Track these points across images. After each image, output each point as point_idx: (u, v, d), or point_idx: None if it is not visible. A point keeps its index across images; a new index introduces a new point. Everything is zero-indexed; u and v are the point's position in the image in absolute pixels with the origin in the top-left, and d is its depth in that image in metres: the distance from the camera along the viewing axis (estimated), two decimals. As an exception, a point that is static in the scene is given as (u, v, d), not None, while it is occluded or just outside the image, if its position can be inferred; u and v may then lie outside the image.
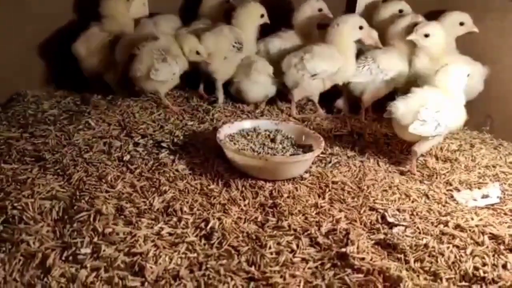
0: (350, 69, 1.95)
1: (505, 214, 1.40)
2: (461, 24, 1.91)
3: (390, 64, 1.94)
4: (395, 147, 1.82)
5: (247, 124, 1.72)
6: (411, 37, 1.88)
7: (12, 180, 1.32)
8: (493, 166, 1.70)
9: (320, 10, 2.10)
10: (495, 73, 1.90)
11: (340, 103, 2.13)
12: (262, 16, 2.10)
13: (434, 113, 1.53)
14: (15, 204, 1.19)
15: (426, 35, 1.86)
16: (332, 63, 1.91)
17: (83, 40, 1.99)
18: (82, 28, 2.03)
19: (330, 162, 1.65)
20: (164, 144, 1.64)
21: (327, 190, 1.46)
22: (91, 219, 1.16)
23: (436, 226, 1.31)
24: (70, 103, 1.97)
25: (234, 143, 1.57)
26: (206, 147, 1.64)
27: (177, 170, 1.48)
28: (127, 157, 1.53)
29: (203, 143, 1.68)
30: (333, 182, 1.51)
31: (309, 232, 1.22)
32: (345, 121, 2.01)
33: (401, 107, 1.55)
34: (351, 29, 1.92)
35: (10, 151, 1.50)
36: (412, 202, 1.45)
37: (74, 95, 2.04)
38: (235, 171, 1.49)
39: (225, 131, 1.62)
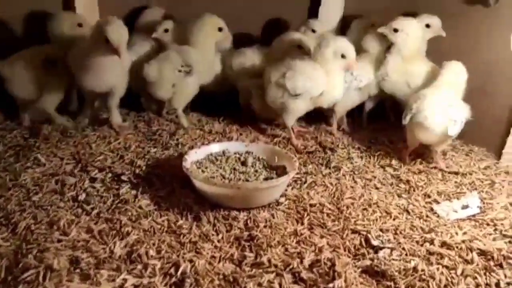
0: (337, 90, 1.80)
1: (488, 224, 1.36)
2: (427, 26, 1.89)
3: (364, 71, 1.89)
4: (368, 161, 1.77)
5: (215, 147, 1.60)
6: (381, 29, 1.84)
7: None
8: (469, 174, 1.68)
9: (299, 46, 1.95)
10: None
11: None
12: (220, 30, 1.97)
13: (459, 111, 1.61)
14: None
15: (396, 30, 1.82)
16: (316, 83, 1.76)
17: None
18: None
19: (305, 182, 1.56)
20: (124, 177, 1.49)
21: (306, 214, 1.37)
22: (40, 277, 0.99)
23: (422, 245, 1.25)
24: (17, 137, 1.77)
25: (202, 171, 1.45)
26: (172, 177, 1.50)
27: (140, 207, 1.33)
28: (82, 196, 1.37)
29: (169, 172, 1.54)
30: (311, 205, 1.42)
31: (291, 266, 1.12)
32: (316, 136, 1.94)
33: (432, 115, 1.58)
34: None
35: None
36: (394, 219, 1.38)
37: (21, 128, 1.85)
38: (205, 202, 1.37)
39: (191, 158, 1.50)
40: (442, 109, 1.60)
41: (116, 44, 1.59)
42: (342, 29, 2.24)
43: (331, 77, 1.76)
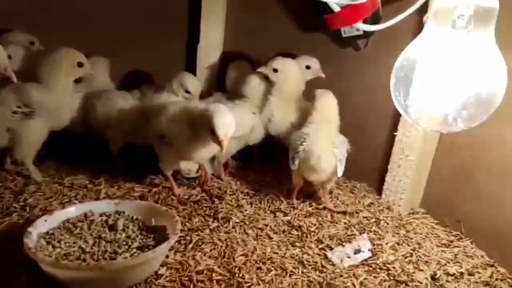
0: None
1: (380, 269, 1.33)
2: (308, 67, 1.89)
3: (239, 120, 1.77)
4: (259, 207, 1.64)
5: (73, 210, 1.28)
6: (261, 69, 1.80)
7: None
8: (356, 212, 1.67)
9: None
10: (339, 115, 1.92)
11: None
12: (80, 65, 1.66)
13: (342, 147, 1.62)
14: None
15: (275, 70, 1.78)
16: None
17: None
18: None
19: (190, 241, 1.35)
20: None
21: (192, 286, 1.15)
22: None
23: (322, 306, 1.13)
24: None
25: (54, 246, 1.12)
26: (12, 258, 1.13)
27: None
28: None
29: (6, 251, 1.16)
30: (197, 272, 1.21)
31: None
32: (200, 183, 1.75)
33: (322, 155, 1.55)
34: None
35: None
36: (290, 276, 1.25)
37: None
38: (57, 290, 1.04)
39: (39, 229, 1.16)
40: (328, 147, 1.58)
41: None
42: (222, 66, 2.16)
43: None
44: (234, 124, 1.41)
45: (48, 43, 1.83)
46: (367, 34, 1.68)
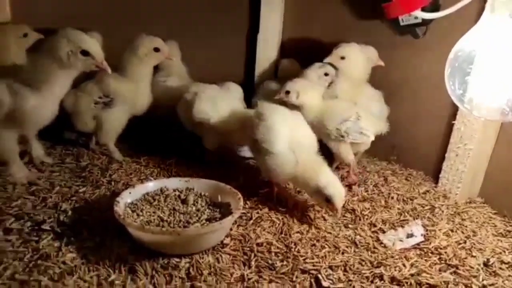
0: None
1: (432, 253, 1.37)
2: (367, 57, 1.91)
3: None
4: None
5: (151, 186, 1.47)
6: (328, 59, 1.84)
7: None
8: (410, 199, 1.70)
9: None
10: (395, 104, 1.95)
11: None
12: (157, 50, 1.79)
13: None
14: None
15: (342, 57, 1.83)
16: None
17: None
18: None
19: (251, 218, 1.48)
20: (46, 226, 1.30)
21: (253, 255, 1.28)
22: None
23: (372, 282, 1.22)
24: None
25: (138, 214, 1.31)
26: (103, 223, 1.34)
27: (64, 262, 1.16)
28: (-8, 254, 1.16)
29: (99, 216, 1.38)
30: (258, 244, 1.34)
31: (239, 321, 1.02)
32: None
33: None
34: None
35: None
36: (343, 254, 1.34)
37: None
38: (142, 251, 1.23)
39: (125, 200, 1.36)
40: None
41: None
42: (282, 55, 2.25)
43: None
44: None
45: (117, 35, 1.94)
46: (426, 22, 1.69)
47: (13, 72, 1.42)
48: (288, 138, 1.50)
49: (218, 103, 1.75)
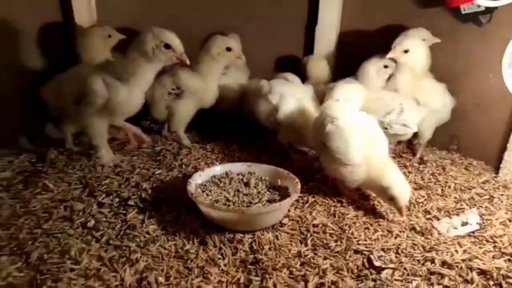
0: None
1: (487, 241, 1.39)
2: (423, 40, 1.90)
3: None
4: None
5: (218, 169, 1.64)
6: (390, 54, 1.84)
7: (-41, 268, 1.17)
8: (468, 189, 1.71)
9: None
10: (455, 93, 1.93)
11: None
12: (229, 49, 1.93)
13: None
14: (-36, 302, 1.05)
15: (406, 51, 1.82)
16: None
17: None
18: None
19: (307, 202, 1.60)
20: (131, 202, 1.53)
21: (309, 235, 1.40)
22: (55, 309, 1.03)
23: (423, 264, 1.28)
24: (25, 162, 1.81)
25: (207, 194, 1.49)
26: (178, 201, 1.54)
27: (148, 233, 1.37)
28: (91, 223, 1.40)
29: (174, 195, 1.58)
30: (313, 225, 1.46)
31: (296, 290, 1.15)
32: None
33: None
34: None
35: (-44, 230, 1.34)
36: (395, 238, 1.41)
37: (27, 152, 1.89)
38: (210, 226, 1.41)
39: (196, 181, 1.54)
40: None
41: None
42: (339, 47, 2.30)
43: None
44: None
45: (185, 30, 2.08)
46: (490, 10, 1.65)
47: (106, 68, 1.64)
48: (363, 146, 1.49)
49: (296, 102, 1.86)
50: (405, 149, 2.12)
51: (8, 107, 1.92)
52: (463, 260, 1.27)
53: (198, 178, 1.56)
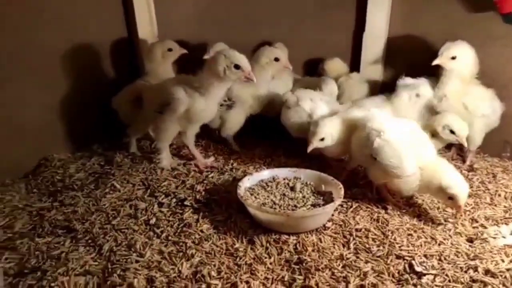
0: None
1: (536, 252, 1.37)
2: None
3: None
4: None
5: (265, 174, 1.75)
6: (437, 61, 1.82)
7: (47, 256, 1.38)
8: (519, 198, 1.68)
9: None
10: (507, 98, 1.88)
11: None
12: (277, 60, 2.06)
13: None
14: (52, 284, 1.24)
15: (453, 57, 1.82)
16: None
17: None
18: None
19: (351, 207, 1.66)
20: (187, 203, 1.68)
21: (351, 239, 1.47)
22: (125, 294, 1.20)
23: (465, 272, 1.30)
24: (95, 165, 2.05)
25: (255, 197, 1.60)
26: (228, 202, 1.67)
27: (202, 231, 1.51)
28: (153, 220, 1.57)
29: (225, 197, 1.71)
30: (356, 230, 1.52)
31: (337, 290, 1.23)
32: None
33: None
34: None
35: (42, 223, 1.56)
36: (439, 245, 1.44)
37: (97, 156, 2.12)
38: (258, 227, 1.52)
39: (245, 185, 1.66)
40: None
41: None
42: (388, 52, 2.31)
43: None
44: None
45: (236, 39, 2.22)
46: (543, 16, 1.61)
47: (186, 82, 1.84)
48: (414, 154, 1.50)
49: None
50: (455, 155, 2.10)
51: (84, 115, 2.18)
52: (508, 270, 1.27)
53: (247, 182, 1.67)
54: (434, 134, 1.84)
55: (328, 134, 1.71)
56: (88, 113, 2.22)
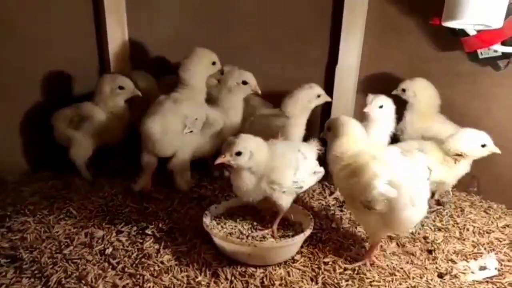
0: None
1: (505, 288, 1.35)
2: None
3: None
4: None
5: (235, 202, 1.68)
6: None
7: (-17, 289, 1.23)
8: (487, 232, 1.67)
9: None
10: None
11: None
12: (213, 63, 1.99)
13: None
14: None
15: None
16: None
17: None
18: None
19: (321, 239, 1.60)
20: (148, 231, 1.57)
21: (320, 272, 1.40)
22: (69, 333, 1.07)
23: (437, 309, 1.25)
24: (52, 189, 1.91)
25: (222, 226, 1.52)
26: (193, 231, 1.58)
27: (162, 262, 1.40)
28: (109, 250, 1.45)
29: (190, 226, 1.62)
30: (325, 263, 1.45)
31: (304, 330, 1.14)
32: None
33: None
34: None
35: (-16, 251, 1.41)
36: (413, 279, 1.39)
37: (55, 179, 1.99)
38: (223, 258, 1.43)
39: (212, 213, 1.58)
40: None
41: None
42: (359, 85, 2.33)
43: None
44: None
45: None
46: (507, 55, 1.68)
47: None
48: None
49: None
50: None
51: (45, 135, 2.03)
52: (479, 307, 1.24)
53: (214, 210, 1.59)
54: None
55: (247, 150, 1.40)
56: (50, 133, 2.09)
